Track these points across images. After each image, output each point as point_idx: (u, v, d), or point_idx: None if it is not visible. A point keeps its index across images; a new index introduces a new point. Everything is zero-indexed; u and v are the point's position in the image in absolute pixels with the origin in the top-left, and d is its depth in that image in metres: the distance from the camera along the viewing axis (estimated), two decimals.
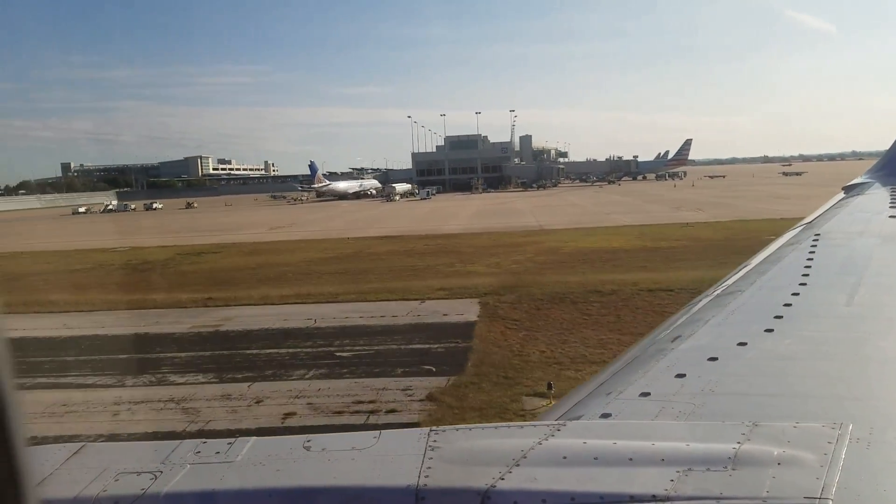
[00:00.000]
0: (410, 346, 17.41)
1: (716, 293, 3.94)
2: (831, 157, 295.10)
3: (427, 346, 17.34)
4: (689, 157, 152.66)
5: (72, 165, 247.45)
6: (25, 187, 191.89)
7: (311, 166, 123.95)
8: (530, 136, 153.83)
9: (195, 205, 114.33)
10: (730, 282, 4.19)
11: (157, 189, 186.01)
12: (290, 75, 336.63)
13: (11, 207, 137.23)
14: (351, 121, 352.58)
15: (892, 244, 4.66)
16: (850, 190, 7.37)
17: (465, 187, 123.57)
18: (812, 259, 4.07)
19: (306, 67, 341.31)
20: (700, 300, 3.97)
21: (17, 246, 54.92)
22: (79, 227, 78.22)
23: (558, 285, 25.02)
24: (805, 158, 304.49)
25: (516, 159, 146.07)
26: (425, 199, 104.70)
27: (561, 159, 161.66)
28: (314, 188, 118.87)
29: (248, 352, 17.79)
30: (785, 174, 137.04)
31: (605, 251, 36.30)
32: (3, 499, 0.92)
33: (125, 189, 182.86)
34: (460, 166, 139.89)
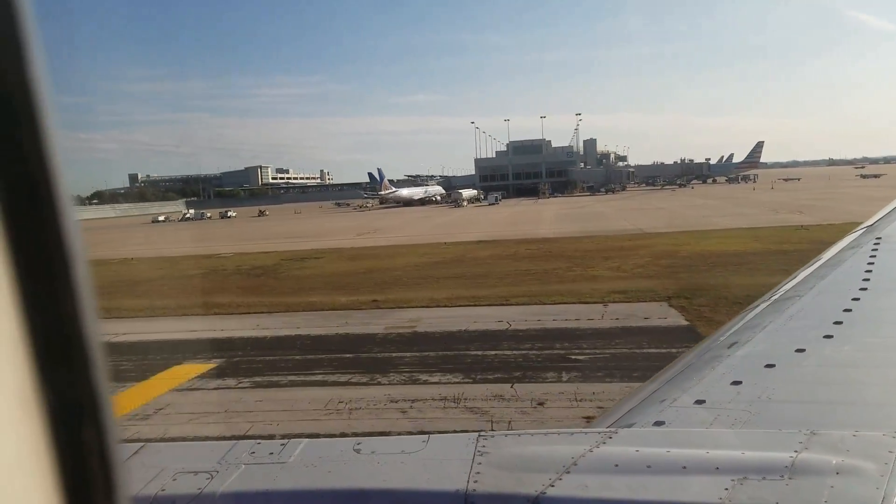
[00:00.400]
0: (645, 350, 17.04)
1: (773, 298, 3.74)
2: None
3: (664, 350, 16.90)
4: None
5: (139, 176, 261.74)
6: (98, 197, 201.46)
7: (378, 173, 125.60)
8: (594, 139, 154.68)
9: (267, 213, 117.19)
10: (788, 286, 3.98)
11: (223, 198, 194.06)
12: (342, 86, 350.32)
13: (91, 216, 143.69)
14: (401, 129, 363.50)
15: None
16: None
17: (529, 192, 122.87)
18: (873, 263, 3.94)
19: (358, 77, 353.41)
20: (757, 305, 3.74)
21: (120, 252, 57.20)
22: (168, 234, 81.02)
23: (733, 288, 24.24)
24: (871, 161, 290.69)
25: (581, 164, 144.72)
26: (493, 204, 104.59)
27: (620, 163, 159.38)
28: (381, 195, 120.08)
29: (472, 353, 17.73)
30: (862, 176, 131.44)
31: (730, 255, 35.14)
32: (96, 497, 0.94)
33: (192, 198, 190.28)
34: (524, 171, 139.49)
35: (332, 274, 36.58)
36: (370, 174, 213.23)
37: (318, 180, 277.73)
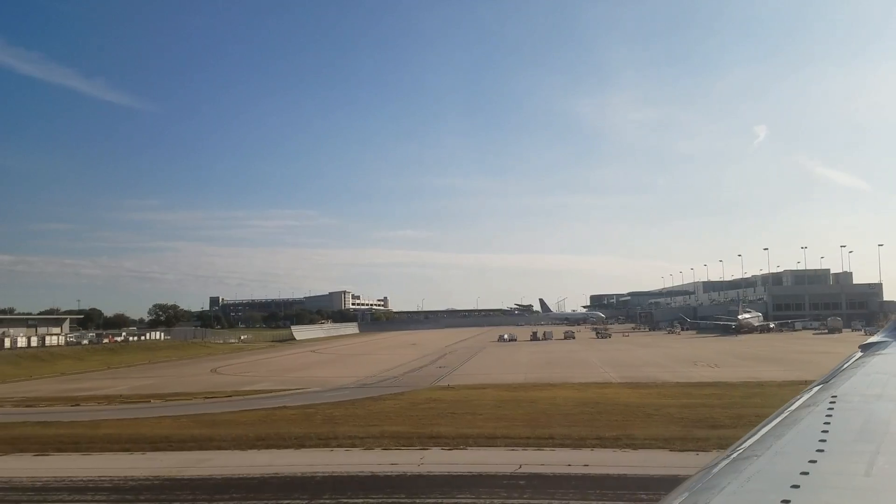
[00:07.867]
0: None
1: (732, 457, 3.37)
2: None
3: None
4: None
5: (220, 299, 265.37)
6: (184, 317, 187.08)
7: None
8: (851, 272, 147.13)
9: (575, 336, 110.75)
10: (746, 444, 3.57)
11: (377, 322, 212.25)
12: (333, 220, 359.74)
13: (318, 335, 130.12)
14: (387, 262, 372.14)
15: None
16: (867, 348, 6.75)
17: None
18: (829, 423, 3.63)
19: (350, 213, 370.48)
20: (716, 463, 3.34)
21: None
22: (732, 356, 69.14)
23: None
24: None
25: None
26: None
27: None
28: (741, 318, 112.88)
29: None
30: None
31: None
32: None
33: (353, 322, 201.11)
34: (821, 301, 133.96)
35: None
36: (541, 300, 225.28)
37: (383, 305, 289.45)
